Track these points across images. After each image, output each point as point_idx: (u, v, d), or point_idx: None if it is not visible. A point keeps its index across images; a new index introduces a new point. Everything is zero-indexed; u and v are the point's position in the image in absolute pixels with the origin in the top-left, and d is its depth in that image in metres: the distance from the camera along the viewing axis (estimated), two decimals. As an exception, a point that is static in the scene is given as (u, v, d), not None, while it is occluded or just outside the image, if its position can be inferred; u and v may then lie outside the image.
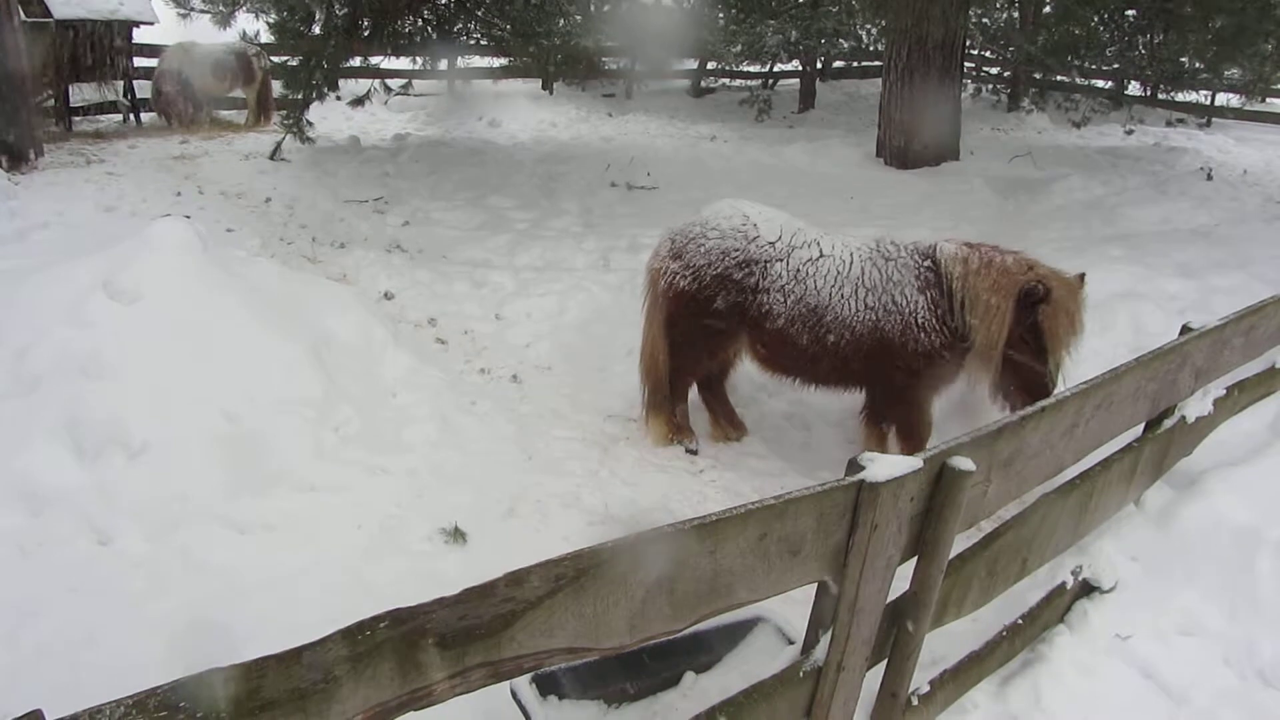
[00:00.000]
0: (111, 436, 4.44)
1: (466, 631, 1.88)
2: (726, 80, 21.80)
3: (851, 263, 4.96)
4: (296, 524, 4.39)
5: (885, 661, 2.95)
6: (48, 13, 13.05)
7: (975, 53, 20.58)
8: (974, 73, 21.56)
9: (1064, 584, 3.90)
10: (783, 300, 4.91)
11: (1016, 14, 19.65)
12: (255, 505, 4.43)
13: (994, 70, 22.12)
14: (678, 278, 5.08)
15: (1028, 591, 3.82)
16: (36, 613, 3.65)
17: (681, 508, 4.86)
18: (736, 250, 4.97)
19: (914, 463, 2.51)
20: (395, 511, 4.61)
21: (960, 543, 2.90)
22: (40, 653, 3.41)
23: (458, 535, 4.49)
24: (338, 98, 12.86)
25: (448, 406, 5.67)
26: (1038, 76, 19.93)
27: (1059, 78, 20.12)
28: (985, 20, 19.38)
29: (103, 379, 4.59)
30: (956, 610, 3.15)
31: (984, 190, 11.95)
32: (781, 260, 4.95)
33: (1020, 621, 3.67)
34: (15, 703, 2.31)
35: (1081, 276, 4.92)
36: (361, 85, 13.96)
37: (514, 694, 2.99)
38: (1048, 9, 18.88)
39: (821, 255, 4.99)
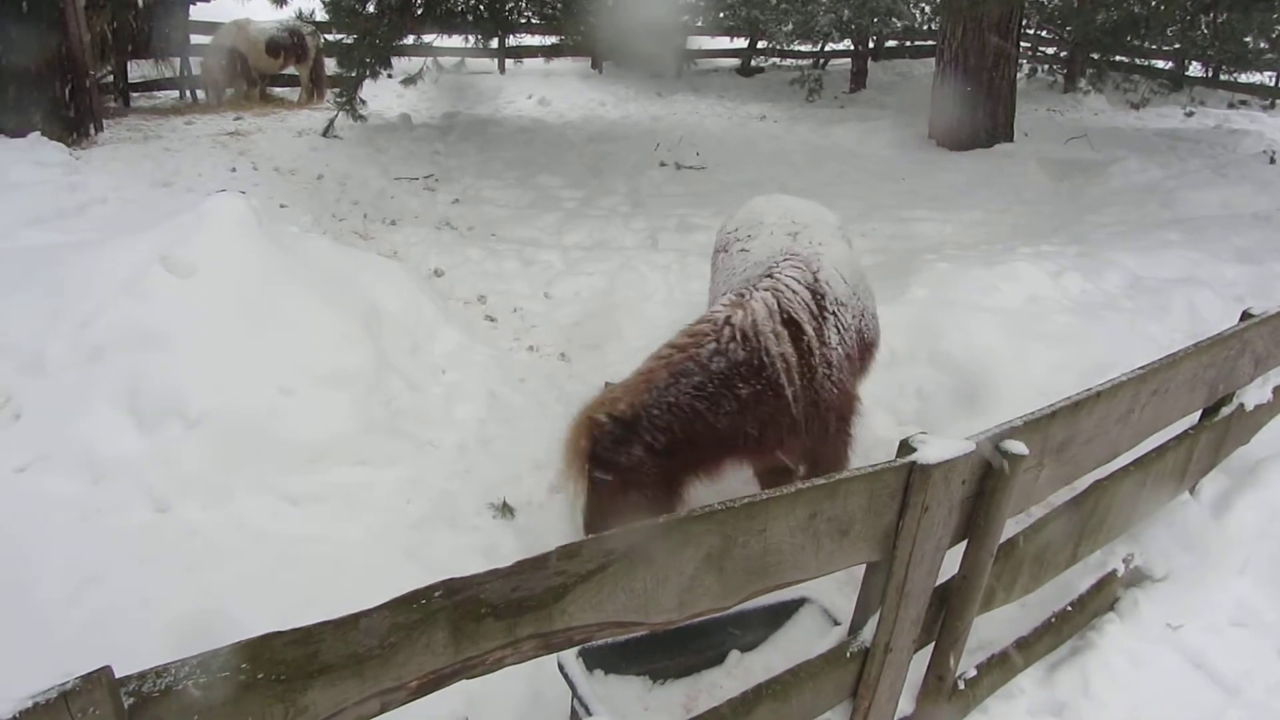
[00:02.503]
0: (170, 406, 4.52)
1: (519, 603, 1.91)
2: (776, 60, 21.58)
3: None
4: (348, 496, 4.46)
5: (933, 644, 2.94)
6: (107, -11, 13.25)
7: (1031, 32, 20.17)
8: (1029, 52, 21.15)
9: (1115, 571, 3.86)
10: None
11: (1075, -9, 19.25)
12: (307, 477, 4.50)
13: (1050, 50, 21.70)
14: None
15: (1078, 578, 3.78)
16: (97, 577, 3.74)
17: (732, 485, 4.85)
18: None
19: (967, 445, 2.49)
20: (444, 486, 4.67)
21: (1010, 527, 2.88)
22: (102, 615, 3.50)
23: (506, 510, 4.54)
24: (389, 75, 12.94)
25: (496, 383, 5.72)
26: (1095, 56, 19.51)
27: (1118, 58, 19.68)
28: (1042, -1, 19.01)
29: (161, 350, 4.67)
30: (1005, 595, 3.13)
31: (1038, 173, 11.78)
32: None
33: (1069, 608, 3.64)
34: (80, 663, 2.38)
35: None
36: (413, 63, 14.03)
37: (561, 667, 3.02)
38: (1107, -13, 18.48)
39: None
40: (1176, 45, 17.39)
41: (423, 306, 6.00)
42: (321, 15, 13.46)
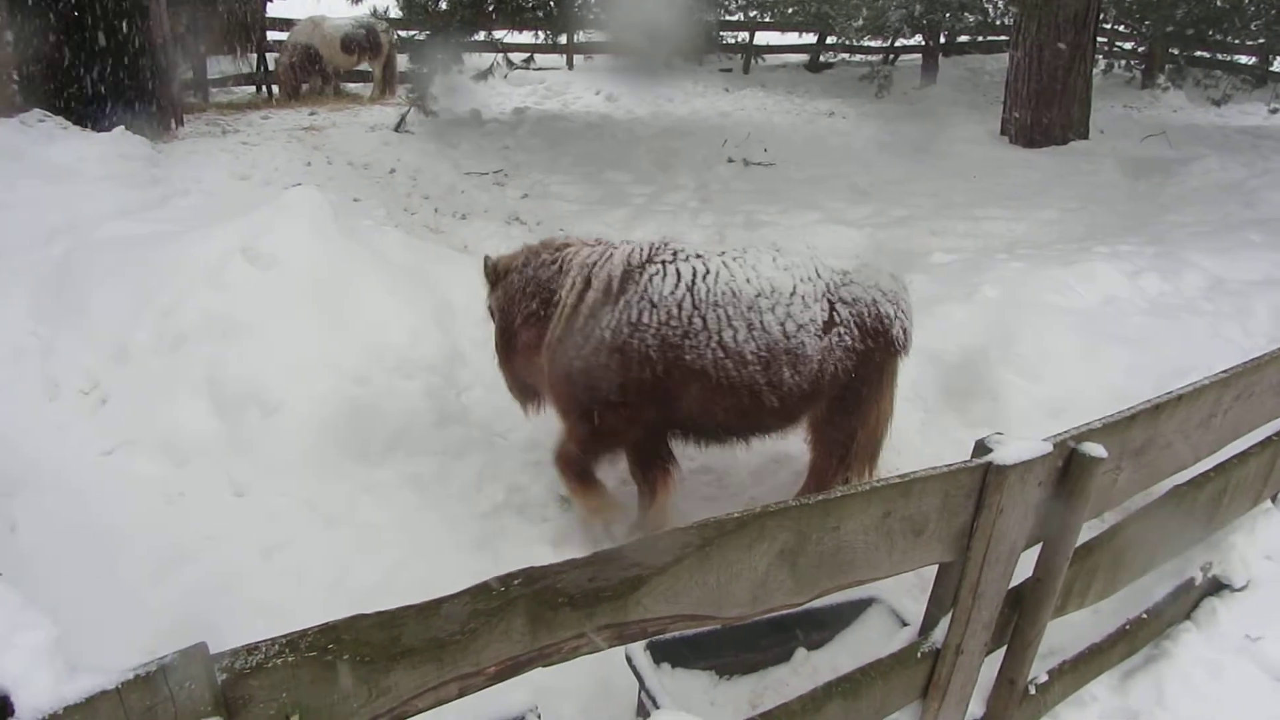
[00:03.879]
0: (249, 394, 4.65)
1: (595, 593, 1.93)
2: (846, 55, 21.38)
3: None
4: (421, 485, 4.54)
5: (1004, 647, 2.91)
6: (189, -13, 13.60)
7: (1108, 27, 19.71)
8: (1106, 48, 20.67)
9: (1192, 580, 3.78)
10: None
11: (1154, -15, 18.77)
12: (381, 465, 4.60)
13: (1128, 45, 21.18)
14: None
15: (1154, 585, 3.71)
16: (180, 558, 3.86)
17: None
18: None
19: (1044, 447, 2.47)
20: (515, 477, 4.72)
21: (1086, 531, 2.84)
22: (186, 595, 3.61)
23: (567, 501, 4.59)
24: (459, 72, 13.07)
25: (565, 376, 5.76)
26: (1175, 52, 19.01)
27: (1198, 53, 19.15)
28: (1120, -8, 18.56)
29: (241, 339, 4.80)
30: (1079, 600, 3.09)
31: (1114, 171, 11.53)
32: None
33: (1145, 616, 3.57)
34: (165, 641, 2.46)
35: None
36: (484, 59, 14.17)
37: (629, 659, 3.05)
38: (1190, -19, 17.99)
39: None
40: (1260, 40, 16.84)
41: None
42: (395, 12, 13.64)
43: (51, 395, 4.67)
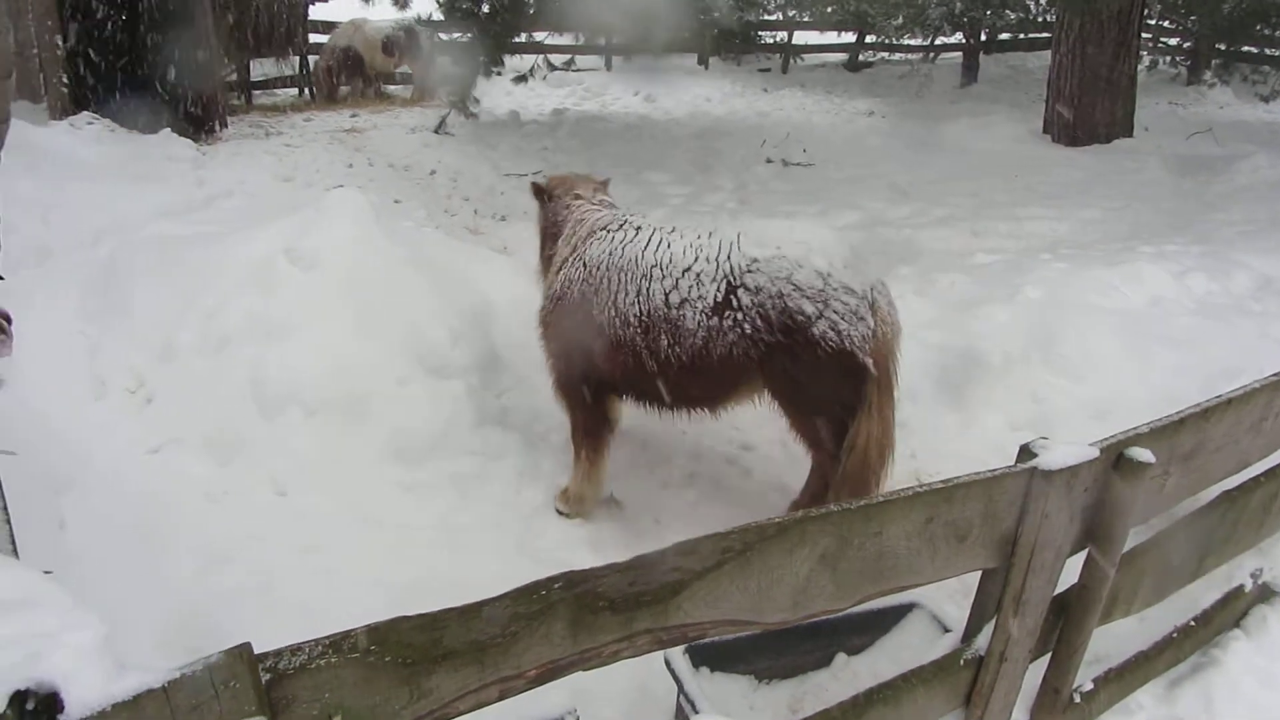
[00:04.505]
0: (290, 394, 4.69)
1: (635, 597, 1.93)
2: (885, 54, 21.23)
3: None
4: (461, 486, 4.57)
5: (1049, 655, 2.87)
6: (234, -9, 13.80)
7: (1153, 23, 19.40)
8: (1150, 44, 20.34)
9: (1241, 587, 3.70)
10: None
11: (1202, -20, 18.42)
12: (421, 466, 4.63)
13: (1173, 41, 20.83)
14: None
15: (1202, 592, 3.64)
16: (223, 557, 3.91)
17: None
18: None
19: (1090, 451, 2.43)
20: (553, 479, 4.73)
21: (1133, 537, 2.79)
22: (228, 593, 3.65)
23: (613, 503, 4.60)
24: (498, 73, 13.14)
25: (603, 378, 5.77)
26: (1222, 47, 18.67)
27: (1246, 48, 18.79)
28: (1166, -14, 18.24)
29: (283, 339, 4.85)
30: (1126, 607, 3.04)
31: (1159, 169, 11.34)
32: None
33: (1192, 623, 3.51)
34: (209, 639, 2.49)
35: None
36: (524, 61, 14.23)
37: (668, 663, 3.04)
38: (1237, -25, 17.66)
39: None
40: (1312, 35, 16.51)
41: (532, 301, 6.08)
42: (437, 15, 13.74)
43: (99, 394, 4.76)
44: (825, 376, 3.96)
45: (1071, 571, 2.70)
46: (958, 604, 3.42)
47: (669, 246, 4.18)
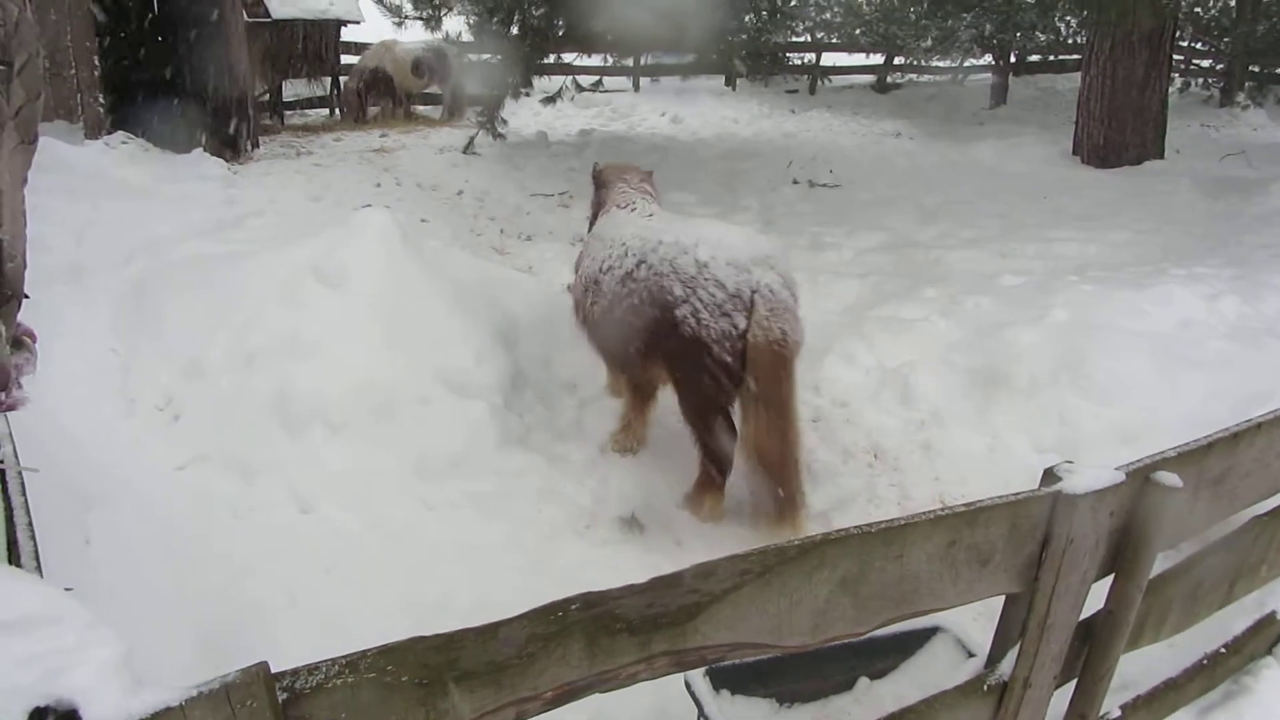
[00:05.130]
0: (315, 412, 4.72)
1: (653, 619, 1.92)
2: (914, 75, 21.22)
3: None
4: (482, 505, 4.57)
5: (1074, 681, 2.83)
6: (267, 13, 14.01)
7: (1185, 44, 19.27)
8: (1182, 65, 20.21)
9: (1274, 613, 3.64)
10: None
11: (1234, 1, 18.28)
12: (444, 484, 4.64)
13: (1205, 63, 20.69)
14: None
15: (1232, 619, 3.58)
16: (245, 572, 3.92)
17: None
18: None
19: (1116, 475, 2.40)
20: (574, 499, 4.74)
21: (1161, 563, 2.75)
22: (249, 610, 3.66)
23: (634, 524, 4.58)
24: (527, 94, 13.24)
25: (626, 399, 5.77)
26: (1255, 69, 18.53)
27: (1280, 70, 18.65)
28: (1198, 9, 18.09)
29: (310, 358, 4.89)
30: (1154, 633, 2.99)
31: (1190, 191, 11.23)
32: None
33: (1223, 650, 3.45)
34: (231, 656, 2.50)
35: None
36: (552, 82, 14.31)
37: (688, 685, 3.02)
38: (1271, -4, 17.53)
39: None
40: (1347, 57, 16.35)
41: (556, 322, 6.11)
42: (467, 36, 13.87)
43: (128, 411, 4.80)
44: (686, 361, 4.42)
45: (1098, 596, 2.67)
46: (982, 627, 3.38)
47: (629, 225, 4.89)
